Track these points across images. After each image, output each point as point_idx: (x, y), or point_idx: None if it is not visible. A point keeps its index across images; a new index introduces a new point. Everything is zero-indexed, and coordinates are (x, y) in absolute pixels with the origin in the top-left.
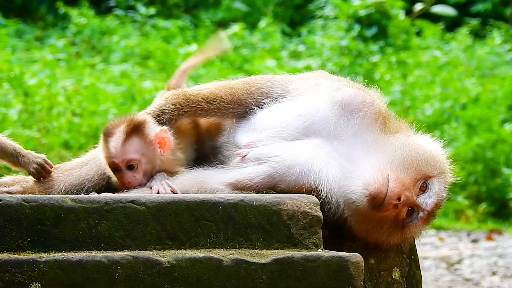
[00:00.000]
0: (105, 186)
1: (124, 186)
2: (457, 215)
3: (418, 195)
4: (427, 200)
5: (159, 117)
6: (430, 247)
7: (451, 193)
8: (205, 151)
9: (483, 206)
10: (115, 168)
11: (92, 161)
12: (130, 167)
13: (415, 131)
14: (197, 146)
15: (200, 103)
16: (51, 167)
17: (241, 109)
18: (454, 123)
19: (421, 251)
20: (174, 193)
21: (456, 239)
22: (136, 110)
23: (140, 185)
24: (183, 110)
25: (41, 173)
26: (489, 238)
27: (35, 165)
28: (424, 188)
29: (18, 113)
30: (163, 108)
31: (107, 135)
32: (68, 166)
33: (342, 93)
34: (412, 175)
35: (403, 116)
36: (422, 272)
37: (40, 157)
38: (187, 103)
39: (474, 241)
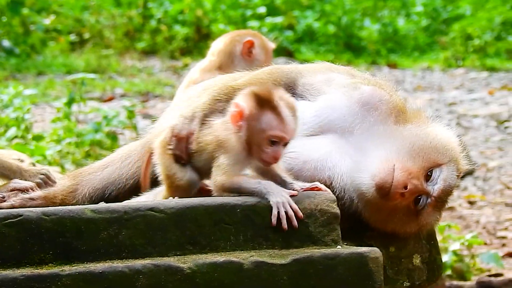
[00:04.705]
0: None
1: (271, 161)
2: (509, 55)
3: (427, 183)
4: (433, 187)
5: (214, 106)
6: (480, 103)
7: (504, 33)
8: None
9: None
10: (273, 141)
11: (112, 164)
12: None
13: (430, 119)
14: None
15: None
16: (54, 182)
17: None
18: None
19: (470, 109)
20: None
21: (506, 92)
22: None
23: None
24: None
25: (47, 183)
26: None
27: (41, 176)
28: (429, 177)
29: None
30: (218, 98)
31: (272, 107)
32: (91, 170)
33: (360, 93)
34: (420, 164)
35: None
36: (472, 132)
37: (44, 169)
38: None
39: None
